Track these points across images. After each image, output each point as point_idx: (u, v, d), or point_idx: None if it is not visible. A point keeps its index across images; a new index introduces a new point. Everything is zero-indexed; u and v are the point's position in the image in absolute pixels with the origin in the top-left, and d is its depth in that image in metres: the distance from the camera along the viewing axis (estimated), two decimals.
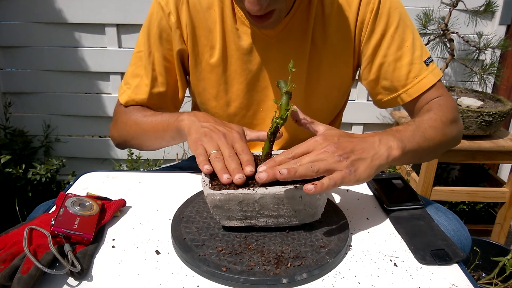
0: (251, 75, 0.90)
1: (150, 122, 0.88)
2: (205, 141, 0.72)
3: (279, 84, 0.68)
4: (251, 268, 0.57)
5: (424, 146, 0.75)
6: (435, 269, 0.60)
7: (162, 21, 0.88)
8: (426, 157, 0.82)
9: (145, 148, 0.94)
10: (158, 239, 0.66)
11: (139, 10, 1.86)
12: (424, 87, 0.87)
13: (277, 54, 0.88)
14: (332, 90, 0.95)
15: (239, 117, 0.96)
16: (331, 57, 0.90)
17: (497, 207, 1.85)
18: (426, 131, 0.76)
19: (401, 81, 0.88)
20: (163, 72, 0.91)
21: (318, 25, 0.87)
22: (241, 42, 0.88)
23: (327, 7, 0.87)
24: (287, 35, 0.87)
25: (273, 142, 0.69)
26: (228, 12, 0.86)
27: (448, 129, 0.82)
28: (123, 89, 0.95)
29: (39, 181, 1.88)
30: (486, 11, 1.78)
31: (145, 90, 0.92)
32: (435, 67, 0.88)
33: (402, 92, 0.89)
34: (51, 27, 1.92)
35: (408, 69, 0.87)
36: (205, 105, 0.97)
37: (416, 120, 0.80)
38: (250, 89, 0.92)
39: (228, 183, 0.63)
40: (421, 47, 0.88)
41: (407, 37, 0.87)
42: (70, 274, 0.57)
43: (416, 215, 0.73)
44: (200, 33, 0.89)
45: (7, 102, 2.03)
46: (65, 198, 0.67)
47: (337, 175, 0.61)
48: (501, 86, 1.94)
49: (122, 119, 0.94)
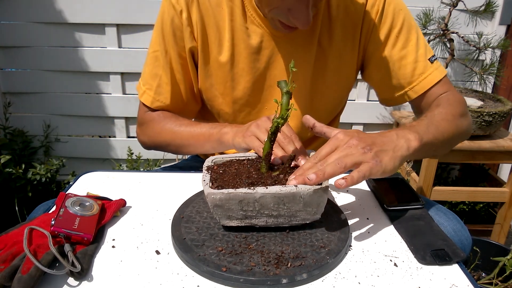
0: (258, 74, 0.92)
1: (189, 132, 0.91)
2: (252, 128, 0.77)
3: (279, 84, 0.68)
4: (251, 268, 0.57)
5: (439, 138, 0.77)
6: (435, 269, 0.60)
7: (175, 19, 0.89)
8: (442, 149, 0.83)
9: (180, 153, 0.98)
10: (158, 239, 0.66)
11: (139, 10, 1.86)
12: (429, 83, 0.89)
13: (285, 53, 0.90)
14: (336, 91, 0.97)
15: (244, 114, 0.97)
16: (336, 58, 0.91)
17: (497, 207, 1.85)
18: (439, 124, 0.78)
19: (406, 79, 0.90)
20: (180, 69, 0.93)
21: (325, 26, 0.89)
22: (250, 41, 0.89)
23: (333, 9, 0.88)
24: (295, 36, 0.88)
25: (273, 142, 0.69)
26: (238, 11, 0.87)
27: (459, 122, 0.85)
28: (143, 89, 0.96)
29: (39, 181, 1.88)
30: (486, 11, 1.78)
31: (167, 89, 0.94)
32: (439, 65, 0.91)
33: (409, 90, 0.91)
34: (51, 27, 1.91)
35: (413, 67, 0.89)
36: (212, 102, 0.98)
37: (427, 115, 0.81)
38: (256, 87, 0.93)
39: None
40: (425, 46, 0.91)
41: (412, 37, 0.89)
42: (70, 274, 0.57)
43: (416, 215, 0.73)
44: (210, 31, 0.90)
45: (7, 102, 2.03)
46: (65, 198, 0.67)
47: (365, 167, 0.62)
48: (501, 86, 1.93)
49: (154, 128, 0.96)
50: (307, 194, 0.60)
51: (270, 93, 0.94)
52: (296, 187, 0.60)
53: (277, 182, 0.65)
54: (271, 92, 0.94)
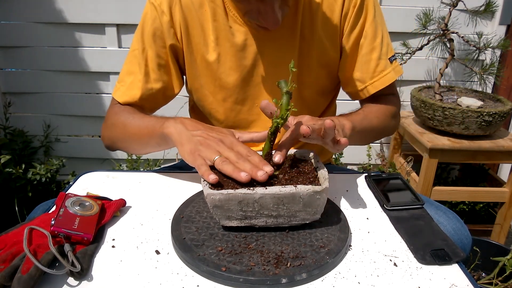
0: (246, 71, 0.93)
1: (137, 126, 0.86)
2: (203, 150, 0.70)
3: (279, 84, 0.68)
4: (250, 268, 0.57)
5: (368, 131, 0.91)
6: (435, 269, 0.60)
7: (156, 20, 0.90)
8: (367, 140, 1.01)
9: (132, 152, 0.95)
10: (158, 239, 0.66)
11: (139, 10, 1.85)
12: (387, 81, 0.95)
13: (270, 49, 0.91)
14: (322, 78, 0.98)
15: (235, 113, 0.97)
16: (319, 48, 0.93)
17: (497, 207, 1.85)
18: (372, 120, 0.91)
19: (369, 73, 0.95)
20: (156, 69, 0.92)
21: (306, 19, 0.91)
22: (234, 39, 0.90)
23: (314, 2, 0.90)
24: (278, 31, 0.89)
25: (273, 142, 0.69)
26: (220, 11, 0.89)
27: (389, 122, 0.98)
28: (117, 86, 0.96)
29: (39, 181, 1.89)
30: (486, 11, 1.78)
31: (139, 86, 0.93)
32: (397, 65, 0.97)
33: (369, 84, 0.96)
34: (51, 27, 1.92)
35: (376, 63, 0.94)
36: (202, 102, 0.98)
37: (365, 110, 0.93)
38: (245, 85, 0.94)
39: (248, 180, 0.62)
40: (387, 45, 0.95)
41: (379, 33, 0.93)
42: (70, 274, 0.57)
43: (416, 215, 0.73)
44: (194, 32, 0.91)
45: (7, 102, 2.03)
46: (65, 198, 0.67)
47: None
48: (501, 86, 1.94)
49: (112, 119, 0.94)
50: (307, 194, 0.60)
51: (260, 89, 0.95)
52: (296, 188, 0.60)
53: (277, 182, 0.65)
54: (260, 88, 0.95)
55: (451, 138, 1.64)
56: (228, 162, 0.66)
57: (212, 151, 0.69)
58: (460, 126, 1.59)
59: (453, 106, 1.58)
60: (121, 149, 0.96)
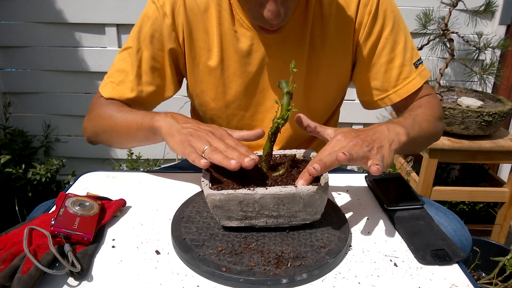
0: (250, 77, 0.90)
1: (125, 119, 0.85)
2: (193, 140, 0.70)
3: (280, 84, 0.68)
4: (251, 268, 0.57)
5: (421, 136, 0.82)
6: (435, 269, 0.60)
7: (156, 21, 0.87)
8: (421, 146, 0.92)
9: (115, 145, 0.92)
10: (158, 239, 0.66)
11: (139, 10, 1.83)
12: (412, 88, 0.91)
13: (276, 56, 0.89)
14: (331, 90, 0.96)
15: (237, 118, 0.96)
16: (329, 58, 0.91)
17: (497, 207, 1.85)
18: (421, 123, 0.83)
19: (391, 82, 0.92)
20: (150, 71, 0.90)
21: (317, 26, 0.88)
22: (239, 45, 0.87)
23: (325, 8, 0.87)
24: (286, 37, 0.87)
25: (273, 142, 0.69)
26: (226, 15, 0.86)
27: (437, 124, 0.90)
28: (106, 82, 0.93)
29: (39, 181, 1.88)
30: (486, 11, 1.78)
31: (129, 87, 0.90)
32: (424, 69, 0.93)
33: (392, 93, 0.92)
34: (51, 27, 1.91)
35: (399, 71, 0.91)
36: (204, 107, 0.96)
37: (411, 114, 0.85)
38: (249, 91, 0.92)
39: (237, 167, 0.62)
40: (412, 50, 0.92)
41: (400, 40, 0.90)
42: (70, 274, 0.57)
43: (416, 215, 0.73)
44: (198, 36, 0.88)
45: (7, 102, 2.03)
46: (65, 198, 0.67)
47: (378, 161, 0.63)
48: (501, 86, 1.94)
49: (97, 111, 0.91)
50: (307, 194, 0.60)
51: (264, 96, 0.93)
52: (296, 188, 0.60)
53: (277, 182, 0.65)
54: (264, 95, 0.92)
55: (451, 138, 1.64)
56: (218, 151, 0.66)
57: (202, 141, 0.70)
58: (460, 126, 1.59)
59: (453, 106, 1.58)
60: (104, 142, 0.93)
